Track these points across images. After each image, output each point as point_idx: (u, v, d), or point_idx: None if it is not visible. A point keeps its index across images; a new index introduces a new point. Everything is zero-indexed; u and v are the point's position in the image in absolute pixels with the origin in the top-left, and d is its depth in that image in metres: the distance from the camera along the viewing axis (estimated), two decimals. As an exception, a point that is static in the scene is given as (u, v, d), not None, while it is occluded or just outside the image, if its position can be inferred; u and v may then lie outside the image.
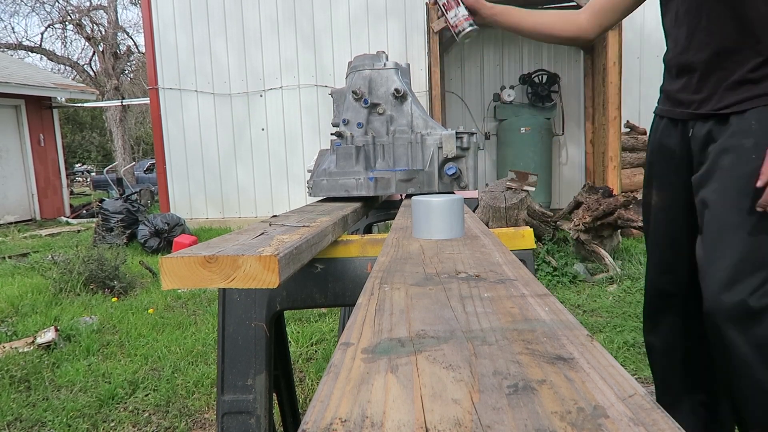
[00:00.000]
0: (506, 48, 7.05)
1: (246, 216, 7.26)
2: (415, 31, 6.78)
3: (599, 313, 3.07)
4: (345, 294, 1.08)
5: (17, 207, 9.89)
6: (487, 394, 0.33)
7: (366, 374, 0.37)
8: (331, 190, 1.60)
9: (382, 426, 0.30)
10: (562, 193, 7.06)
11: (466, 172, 1.62)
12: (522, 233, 1.12)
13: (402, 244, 0.90)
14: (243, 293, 1.08)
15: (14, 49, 18.21)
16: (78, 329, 3.05)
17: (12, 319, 3.43)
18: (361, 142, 1.61)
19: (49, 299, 3.77)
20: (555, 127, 6.79)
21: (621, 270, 3.77)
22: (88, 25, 18.18)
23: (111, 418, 2.10)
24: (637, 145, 5.90)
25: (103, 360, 2.68)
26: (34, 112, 10.23)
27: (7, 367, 2.54)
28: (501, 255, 0.78)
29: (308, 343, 2.77)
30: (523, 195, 3.60)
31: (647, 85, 6.77)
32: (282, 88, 7.10)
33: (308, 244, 0.86)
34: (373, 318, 0.50)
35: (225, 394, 1.09)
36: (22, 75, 10.35)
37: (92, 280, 3.97)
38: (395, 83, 1.66)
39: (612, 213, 3.97)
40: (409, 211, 1.22)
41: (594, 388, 0.33)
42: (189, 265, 0.71)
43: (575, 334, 0.43)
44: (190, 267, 0.71)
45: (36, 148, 10.22)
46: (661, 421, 0.29)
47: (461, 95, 7.11)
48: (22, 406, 2.20)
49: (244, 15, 7.06)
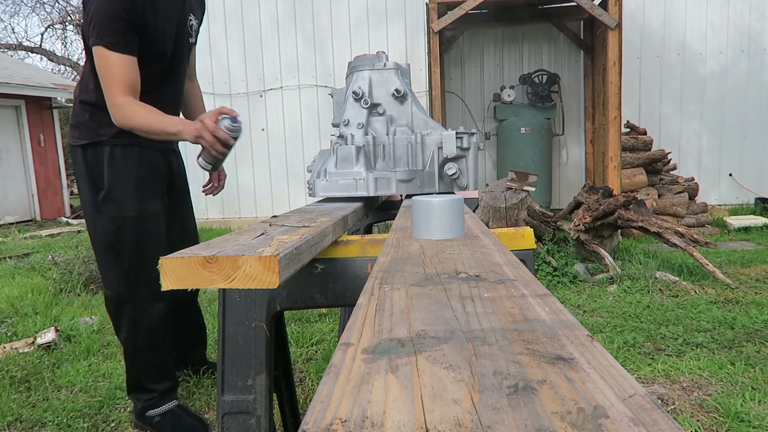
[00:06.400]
0: (506, 48, 7.05)
1: (246, 216, 7.26)
2: (416, 31, 6.78)
3: (599, 313, 3.07)
4: (345, 294, 1.08)
5: (17, 207, 9.90)
6: (487, 394, 0.33)
7: (366, 374, 0.37)
8: (331, 191, 1.60)
9: (382, 426, 0.30)
10: (562, 193, 7.06)
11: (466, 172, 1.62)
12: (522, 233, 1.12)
13: (402, 245, 0.90)
14: (243, 293, 1.08)
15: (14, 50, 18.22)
16: (78, 330, 3.05)
17: (12, 319, 3.43)
18: (362, 143, 1.61)
19: (50, 300, 3.77)
20: (555, 127, 6.79)
21: (621, 270, 3.77)
22: (89, 26, 18.15)
23: (111, 419, 2.10)
24: (637, 145, 5.90)
25: (104, 360, 2.68)
26: (35, 113, 10.23)
27: (8, 367, 2.54)
28: (501, 255, 0.78)
29: (308, 343, 2.77)
30: (523, 195, 3.60)
31: (647, 85, 6.77)
32: (282, 88, 7.10)
33: (308, 245, 0.86)
34: (374, 318, 0.50)
35: (225, 395, 1.09)
36: (22, 75, 10.36)
37: (92, 281, 3.97)
38: (395, 83, 1.66)
39: (612, 213, 3.97)
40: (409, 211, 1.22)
41: (594, 388, 0.33)
42: (189, 266, 0.71)
43: (575, 334, 0.43)
44: (191, 267, 0.71)
45: (36, 149, 10.22)
46: (661, 421, 0.29)
47: (461, 95, 7.11)
48: (23, 407, 2.20)
49: (245, 15, 7.06)
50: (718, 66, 6.66)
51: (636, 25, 6.63)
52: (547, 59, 6.95)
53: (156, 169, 1.91)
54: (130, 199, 1.82)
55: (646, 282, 3.51)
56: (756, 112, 6.66)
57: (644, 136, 5.99)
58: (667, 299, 3.27)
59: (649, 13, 6.67)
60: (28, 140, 10.05)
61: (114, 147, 1.81)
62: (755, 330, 2.69)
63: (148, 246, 1.87)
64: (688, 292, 3.35)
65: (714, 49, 6.64)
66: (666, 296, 3.33)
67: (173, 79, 1.95)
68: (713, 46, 6.64)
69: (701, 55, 6.67)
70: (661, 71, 6.74)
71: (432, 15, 5.54)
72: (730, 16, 6.58)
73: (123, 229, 1.83)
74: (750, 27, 6.57)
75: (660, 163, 5.94)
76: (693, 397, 2.07)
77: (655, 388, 2.15)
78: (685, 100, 6.76)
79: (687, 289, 3.38)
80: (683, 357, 2.42)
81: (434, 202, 0.94)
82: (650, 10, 6.66)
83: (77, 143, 1.84)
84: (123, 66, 1.67)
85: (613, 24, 5.09)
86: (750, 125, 6.69)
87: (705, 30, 6.63)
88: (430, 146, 1.62)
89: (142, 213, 1.84)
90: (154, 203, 1.89)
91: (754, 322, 2.80)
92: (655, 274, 3.61)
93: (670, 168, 6.11)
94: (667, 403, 2.04)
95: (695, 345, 2.55)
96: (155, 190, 1.90)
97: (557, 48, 6.93)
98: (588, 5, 5.14)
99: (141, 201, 1.84)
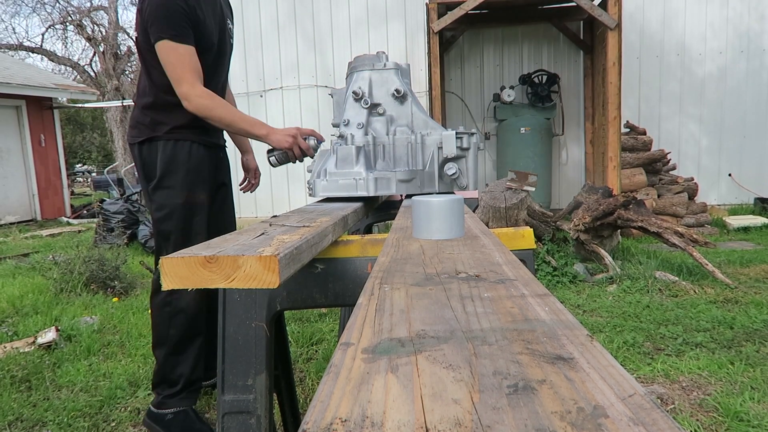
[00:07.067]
0: (506, 48, 7.06)
1: (246, 216, 7.25)
2: (416, 31, 6.78)
3: (599, 313, 3.07)
4: (345, 294, 1.08)
5: (18, 207, 9.90)
6: (487, 394, 0.33)
7: (366, 374, 0.37)
8: (331, 191, 1.60)
9: (382, 426, 0.30)
10: (562, 193, 7.06)
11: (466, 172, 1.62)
12: (522, 233, 1.12)
13: (402, 245, 0.90)
14: (243, 293, 1.08)
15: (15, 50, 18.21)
16: (79, 329, 3.05)
17: (13, 319, 3.43)
18: (362, 143, 1.61)
19: (50, 299, 3.77)
20: (555, 128, 6.79)
21: (621, 270, 3.77)
22: (89, 26, 18.18)
23: (112, 418, 2.10)
24: (636, 145, 5.90)
25: (104, 360, 2.68)
26: (35, 113, 10.23)
27: (8, 367, 2.54)
28: (501, 255, 0.79)
29: (308, 343, 2.77)
30: (523, 195, 3.60)
31: (647, 86, 6.77)
32: (282, 88, 7.10)
33: (308, 244, 0.86)
34: (374, 318, 0.50)
35: (225, 394, 1.09)
36: (23, 76, 10.36)
37: (93, 281, 3.97)
38: (395, 83, 1.66)
39: (612, 213, 3.97)
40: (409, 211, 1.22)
41: (594, 387, 0.34)
42: (189, 265, 0.71)
43: (575, 334, 0.43)
44: (191, 267, 0.71)
45: (37, 149, 10.22)
46: (660, 420, 0.29)
47: (461, 95, 7.11)
48: (23, 406, 2.20)
49: (245, 15, 7.06)
50: (718, 66, 6.66)
51: (635, 25, 6.63)
52: (546, 59, 6.95)
53: (204, 163, 2.00)
54: (180, 188, 1.91)
55: (645, 282, 3.51)
56: (755, 112, 6.66)
57: (644, 136, 5.99)
58: (666, 299, 3.28)
59: (648, 14, 6.67)
60: (29, 140, 10.06)
61: (167, 142, 1.91)
62: (754, 330, 2.70)
63: (193, 233, 1.94)
64: (688, 292, 3.35)
65: (713, 49, 6.64)
66: (665, 296, 3.33)
67: (218, 77, 2.05)
68: (712, 47, 6.64)
69: (701, 56, 6.67)
70: (660, 72, 6.74)
71: (432, 15, 5.54)
72: (730, 17, 6.58)
73: (171, 216, 1.92)
74: (749, 27, 6.57)
75: (659, 163, 5.94)
76: (692, 397, 2.08)
77: (655, 387, 2.15)
78: (685, 101, 6.76)
79: (686, 289, 3.38)
80: (683, 357, 2.43)
81: (434, 202, 0.94)
82: (650, 11, 6.66)
83: (135, 141, 1.95)
84: (191, 55, 1.77)
85: (613, 24, 5.09)
86: (749, 125, 6.69)
87: (704, 30, 6.63)
88: (430, 146, 1.62)
89: (189, 202, 1.93)
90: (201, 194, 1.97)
91: (753, 321, 2.80)
92: (655, 274, 3.61)
93: (669, 168, 6.11)
94: (667, 402, 2.04)
95: (695, 345, 2.55)
96: (202, 182, 1.99)
97: (557, 48, 6.93)
98: (588, 5, 5.14)
99: (189, 190, 1.93)
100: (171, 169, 1.91)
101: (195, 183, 1.95)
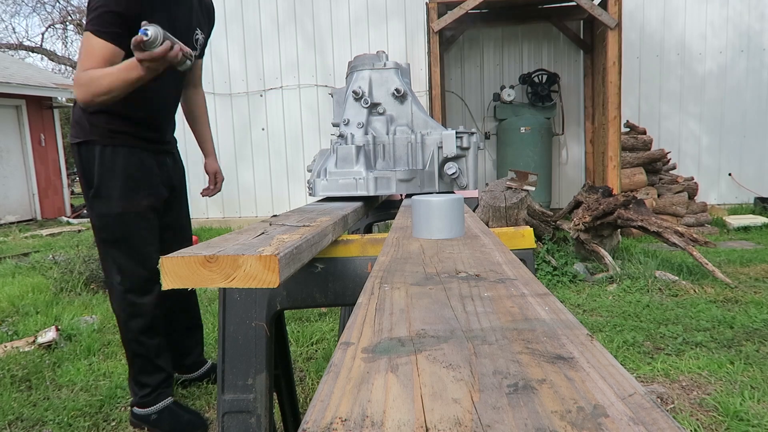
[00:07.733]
0: (506, 48, 7.05)
1: (246, 216, 7.26)
2: (416, 31, 6.78)
3: (599, 313, 3.07)
4: (345, 293, 1.08)
5: (18, 207, 9.90)
6: (487, 393, 0.33)
7: (366, 374, 0.37)
8: (331, 190, 1.60)
9: (382, 425, 0.30)
10: (562, 193, 7.06)
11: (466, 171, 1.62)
12: (522, 233, 1.12)
13: (402, 244, 0.90)
14: (243, 293, 1.08)
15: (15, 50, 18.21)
16: (79, 329, 3.05)
17: (13, 318, 3.43)
18: (362, 142, 1.61)
19: (50, 299, 3.77)
20: (555, 127, 6.79)
21: (621, 269, 3.77)
22: (89, 25, 18.14)
23: (112, 418, 2.11)
24: (636, 144, 5.90)
25: (104, 359, 2.68)
26: (35, 113, 10.23)
27: (8, 366, 2.54)
28: (501, 254, 0.79)
29: (308, 342, 2.77)
30: (523, 194, 3.60)
31: (647, 85, 6.77)
32: (282, 87, 7.10)
33: (308, 244, 0.86)
34: (374, 317, 0.50)
35: (225, 394, 1.09)
36: (22, 75, 10.35)
37: (93, 280, 3.98)
38: (395, 83, 1.66)
39: (612, 212, 3.97)
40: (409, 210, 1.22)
41: (594, 387, 0.34)
42: (189, 265, 0.71)
43: (575, 334, 0.43)
44: (191, 267, 0.71)
45: (37, 148, 10.22)
46: (660, 420, 0.29)
47: (461, 95, 7.11)
48: (23, 406, 2.20)
49: (245, 15, 7.05)
50: (718, 66, 6.66)
51: (635, 24, 6.63)
52: (546, 59, 6.95)
53: (145, 169, 1.96)
54: (115, 198, 1.89)
55: (645, 281, 3.52)
56: (755, 111, 6.66)
57: (644, 135, 5.99)
58: (666, 298, 3.28)
59: (648, 13, 6.67)
60: (29, 140, 10.05)
61: (104, 147, 1.87)
62: (754, 329, 2.70)
63: (135, 242, 1.93)
64: (688, 292, 3.35)
65: (713, 48, 6.64)
66: (665, 295, 3.33)
67: (174, 83, 2.01)
68: (713, 46, 6.64)
69: (701, 55, 6.67)
70: (660, 71, 6.74)
71: (432, 14, 5.54)
72: (730, 16, 6.58)
73: (109, 226, 1.91)
74: (749, 27, 6.57)
75: (659, 163, 5.94)
76: (692, 396, 2.08)
77: (655, 387, 2.15)
78: (685, 100, 6.76)
79: (686, 289, 3.38)
80: (682, 356, 2.43)
81: (434, 202, 0.94)
82: (650, 10, 6.66)
83: (74, 141, 1.92)
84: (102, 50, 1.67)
85: (613, 24, 5.09)
86: (749, 125, 6.69)
87: (704, 30, 6.63)
88: (430, 146, 1.62)
89: (129, 209, 1.91)
90: (144, 200, 1.94)
91: (753, 321, 2.80)
92: (655, 274, 3.61)
93: (669, 167, 6.11)
94: (667, 402, 2.04)
95: (694, 344, 2.55)
96: (147, 187, 1.96)
97: (557, 48, 6.93)
98: (588, 5, 5.14)
99: (129, 198, 1.90)
100: (108, 177, 1.87)
101: (136, 189, 1.91)
